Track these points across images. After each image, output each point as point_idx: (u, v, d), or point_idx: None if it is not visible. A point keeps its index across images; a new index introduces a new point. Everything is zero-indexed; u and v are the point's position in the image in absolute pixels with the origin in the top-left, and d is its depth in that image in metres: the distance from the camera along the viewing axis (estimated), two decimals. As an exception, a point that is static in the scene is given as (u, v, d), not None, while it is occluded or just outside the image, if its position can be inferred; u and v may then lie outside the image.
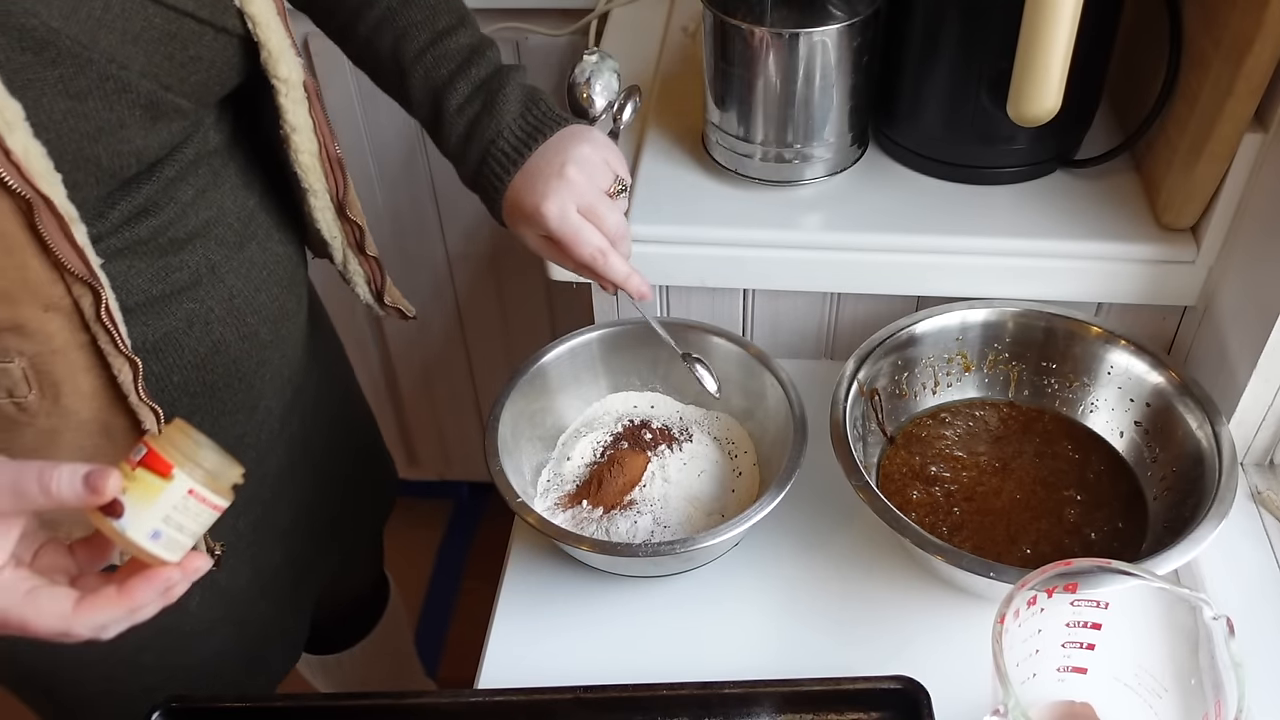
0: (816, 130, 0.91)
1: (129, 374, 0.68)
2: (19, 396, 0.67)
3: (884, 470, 0.87)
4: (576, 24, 1.32)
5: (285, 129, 0.78)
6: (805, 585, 0.83)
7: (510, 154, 0.78)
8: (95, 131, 0.63)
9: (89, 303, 0.65)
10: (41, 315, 0.64)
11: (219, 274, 0.78)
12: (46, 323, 0.65)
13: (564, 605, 0.83)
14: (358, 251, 0.90)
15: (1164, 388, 0.85)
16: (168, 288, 0.74)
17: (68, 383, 0.67)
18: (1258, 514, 0.86)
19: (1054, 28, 0.73)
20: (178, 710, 0.75)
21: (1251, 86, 0.76)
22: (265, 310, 0.83)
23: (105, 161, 0.65)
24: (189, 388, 0.77)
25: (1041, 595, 0.65)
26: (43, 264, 0.62)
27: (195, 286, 0.76)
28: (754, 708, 0.73)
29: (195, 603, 0.87)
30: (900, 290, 0.93)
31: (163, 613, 0.71)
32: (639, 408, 0.94)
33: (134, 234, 0.71)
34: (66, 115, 0.61)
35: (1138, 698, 0.68)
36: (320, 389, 0.97)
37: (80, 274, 0.63)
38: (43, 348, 0.65)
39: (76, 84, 0.61)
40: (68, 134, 0.62)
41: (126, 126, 0.65)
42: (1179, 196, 0.86)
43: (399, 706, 0.75)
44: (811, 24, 0.85)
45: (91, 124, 0.63)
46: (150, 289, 0.73)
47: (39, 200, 0.60)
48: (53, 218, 0.61)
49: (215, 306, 0.78)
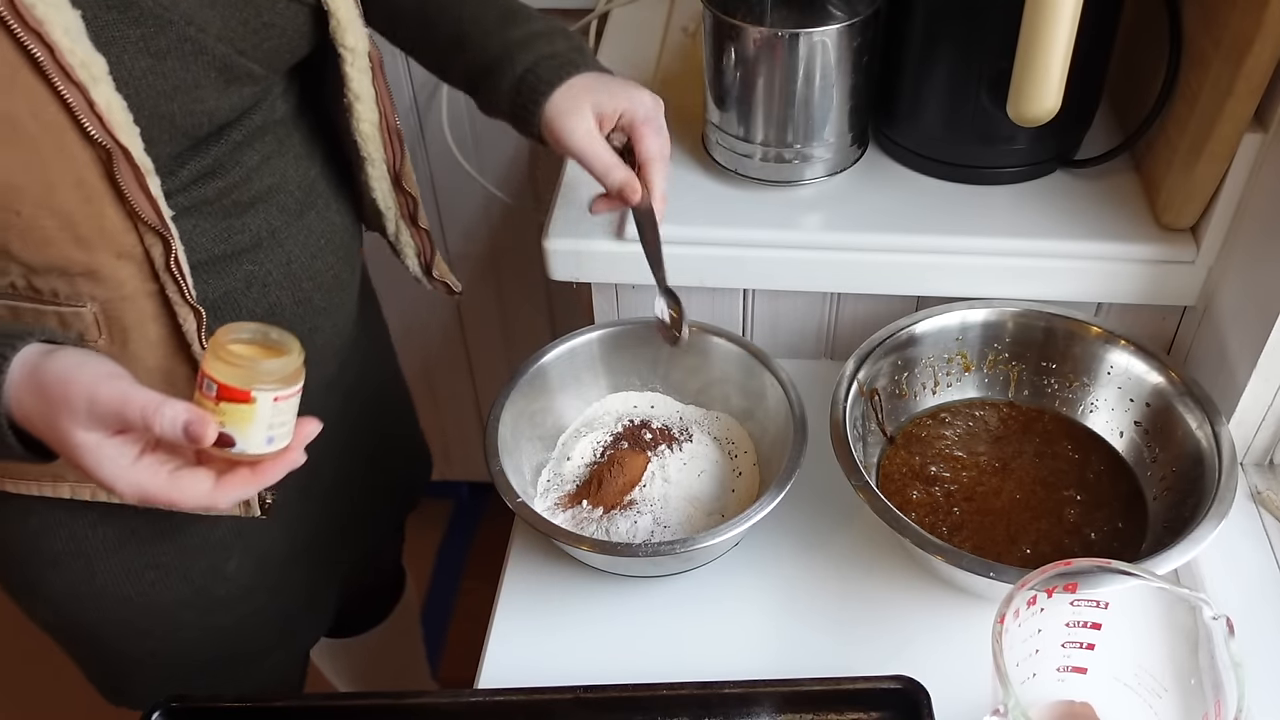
0: (816, 130, 0.91)
1: (193, 323, 0.72)
2: (90, 340, 0.70)
3: (884, 470, 0.87)
4: (576, 24, 1.32)
5: (349, 97, 0.80)
6: (805, 585, 0.83)
7: (569, 63, 0.80)
8: (171, 90, 0.66)
9: (159, 252, 0.68)
10: (114, 262, 0.67)
11: (279, 239, 0.80)
12: (118, 269, 0.68)
13: (564, 605, 0.83)
14: (410, 223, 0.92)
15: (1164, 388, 0.85)
16: (229, 248, 0.77)
17: (135, 329, 0.71)
18: (1258, 514, 0.86)
19: (1054, 28, 0.73)
20: (178, 710, 0.75)
21: (1251, 86, 0.76)
22: (320, 277, 0.85)
23: (179, 119, 0.68)
24: None
25: (1041, 595, 0.65)
26: (118, 213, 0.66)
27: (255, 249, 0.79)
28: (754, 708, 0.73)
29: (233, 566, 0.89)
30: (900, 290, 0.93)
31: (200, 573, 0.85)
32: (639, 408, 0.94)
33: (201, 193, 0.73)
34: (146, 73, 0.65)
35: (1138, 698, 0.68)
36: (365, 366, 0.99)
37: (153, 223, 0.67)
38: (114, 294, 0.69)
39: (156, 43, 0.65)
40: (146, 91, 0.65)
41: (201, 87, 0.68)
42: (1179, 196, 0.86)
43: (399, 706, 0.75)
44: (811, 24, 0.85)
45: (168, 82, 0.66)
46: (213, 248, 0.75)
47: (118, 151, 0.63)
48: (130, 168, 0.64)
49: (274, 270, 0.80)
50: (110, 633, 0.90)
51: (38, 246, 0.65)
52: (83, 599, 0.87)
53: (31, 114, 0.61)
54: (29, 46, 0.59)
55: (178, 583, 0.88)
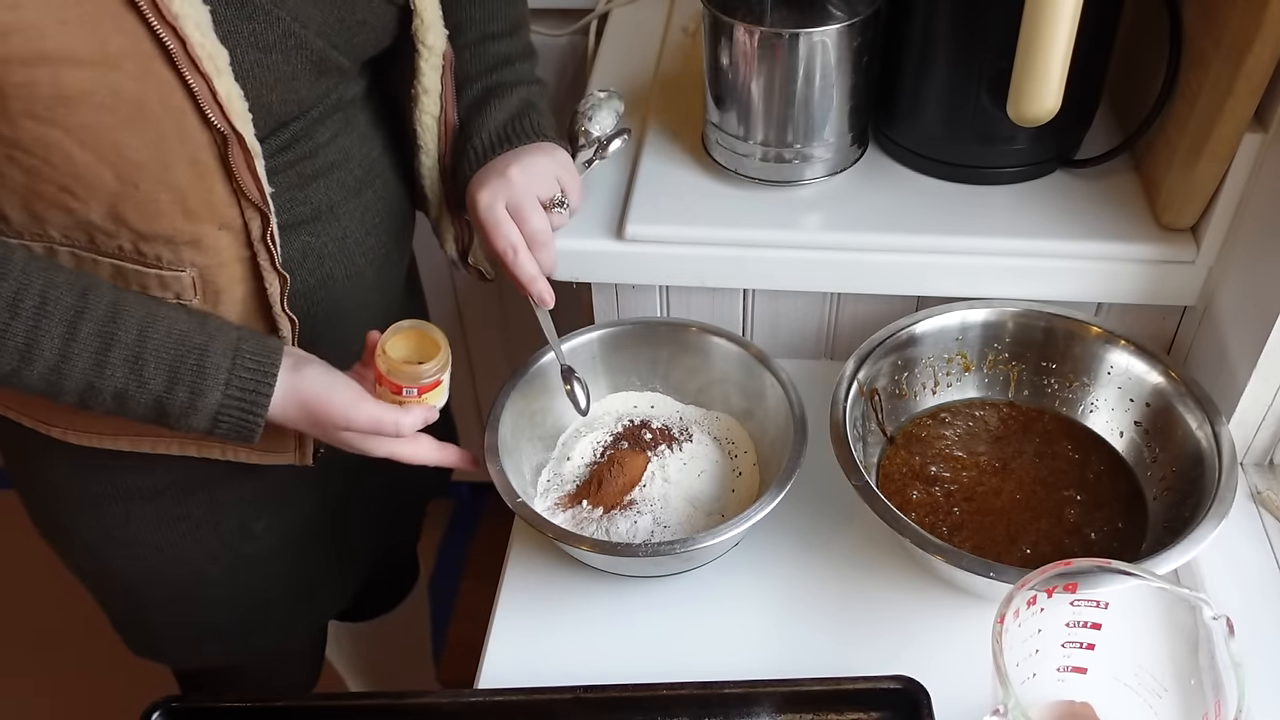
0: (816, 130, 0.91)
1: (278, 288, 0.77)
2: (186, 299, 0.75)
3: (884, 470, 0.87)
4: (576, 24, 1.32)
5: (418, 89, 0.85)
6: (805, 585, 0.83)
7: (481, 153, 0.87)
8: (274, 81, 0.72)
9: (258, 225, 0.74)
10: (216, 233, 0.74)
11: (337, 213, 0.84)
12: (219, 239, 0.74)
13: (564, 605, 0.83)
14: (451, 210, 0.95)
15: (1164, 388, 0.85)
16: (290, 219, 0.80)
17: (226, 291, 0.76)
18: (1258, 514, 0.86)
19: (1054, 28, 0.73)
20: (178, 710, 0.75)
21: (1251, 86, 0.76)
22: (373, 254, 0.88)
23: (275, 108, 0.74)
24: (295, 313, 0.81)
25: (1041, 595, 0.65)
26: (225, 190, 0.72)
27: (314, 221, 0.82)
28: (754, 708, 0.73)
29: (262, 526, 0.93)
30: (900, 290, 0.93)
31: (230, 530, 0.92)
32: (639, 408, 0.94)
33: (273, 164, 0.76)
34: (254, 66, 0.70)
35: (1138, 698, 0.68)
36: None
37: (256, 201, 0.73)
38: (212, 261, 0.75)
39: (265, 38, 0.70)
40: (252, 82, 0.70)
41: (297, 78, 0.74)
42: (1179, 196, 0.86)
43: (399, 706, 0.75)
44: (811, 24, 0.85)
45: (271, 74, 0.72)
46: (277, 217, 0.78)
47: (233, 136, 0.69)
48: (242, 151, 0.70)
49: (329, 243, 0.84)
50: (139, 580, 0.94)
51: (151, 217, 0.71)
52: (116, 543, 0.90)
53: (160, 100, 0.66)
54: (164, 38, 0.64)
55: (207, 535, 0.91)
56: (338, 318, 0.87)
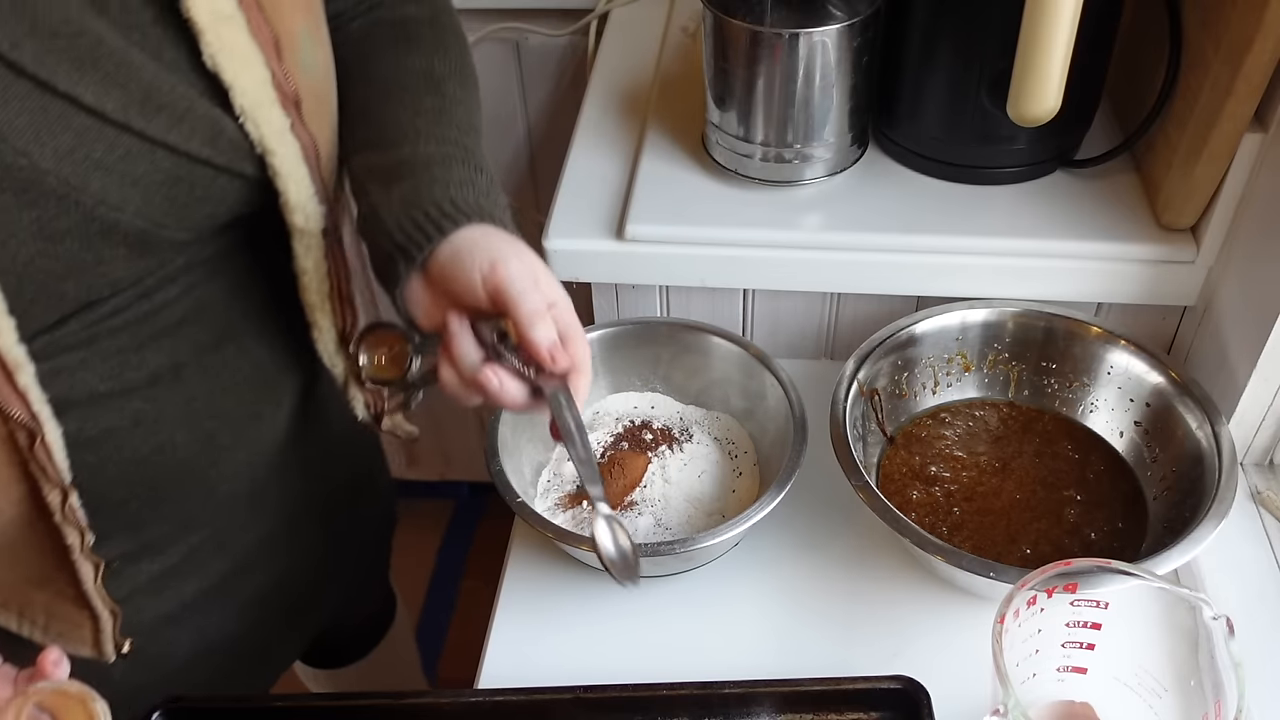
0: (816, 130, 0.91)
1: (57, 498, 0.65)
2: None
3: (884, 470, 0.87)
4: (576, 24, 1.32)
5: (294, 268, 0.71)
6: (805, 585, 0.83)
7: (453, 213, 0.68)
8: (65, 271, 0.59)
9: (24, 438, 0.62)
10: None
11: (181, 376, 0.71)
12: None
13: (564, 605, 0.83)
14: (358, 380, 0.81)
15: (1164, 388, 0.85)
16: (118, 385, 0.67)
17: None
18: (1258, 514, 0.86)
19: (1054, 28, 0.73)
20: (177, 710, 0.75)
21: (1251, 86, 0.76)
22: (229, 415, 0.75)
23: (73, 294, 0.61)
24: (126, 479, 0.71)
25: (1041, 595, 0.65)
26: None
27: (151, 386, 0.69)
28: (754, 708, 0.73)
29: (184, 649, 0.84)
30: (900, 290, 0.93)
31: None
32: (639, 408, 0.94)
33: (91, 332, 0.65)
34: (35, 256, 0.57)
35: (1138, 698, 0.68)
36: (308, 450, 0.87)
37: (21, 419, 0.60)
38: None
39: (55, 225, 0.57)
40: (33, 274, 0.58)
41: (105, 263, 0.61)
42: (1179, 196, 0.86)
43: (399, 706, 0.75)
44: (811, 24, 0.85)
45: (62, 264, 0.59)
46: (97, 386, 0.66)
47: None
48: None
49: (168, 408, 0.70)
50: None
51: None
52: None
53: None
54: None
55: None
56: (188, 477, 0.74)
